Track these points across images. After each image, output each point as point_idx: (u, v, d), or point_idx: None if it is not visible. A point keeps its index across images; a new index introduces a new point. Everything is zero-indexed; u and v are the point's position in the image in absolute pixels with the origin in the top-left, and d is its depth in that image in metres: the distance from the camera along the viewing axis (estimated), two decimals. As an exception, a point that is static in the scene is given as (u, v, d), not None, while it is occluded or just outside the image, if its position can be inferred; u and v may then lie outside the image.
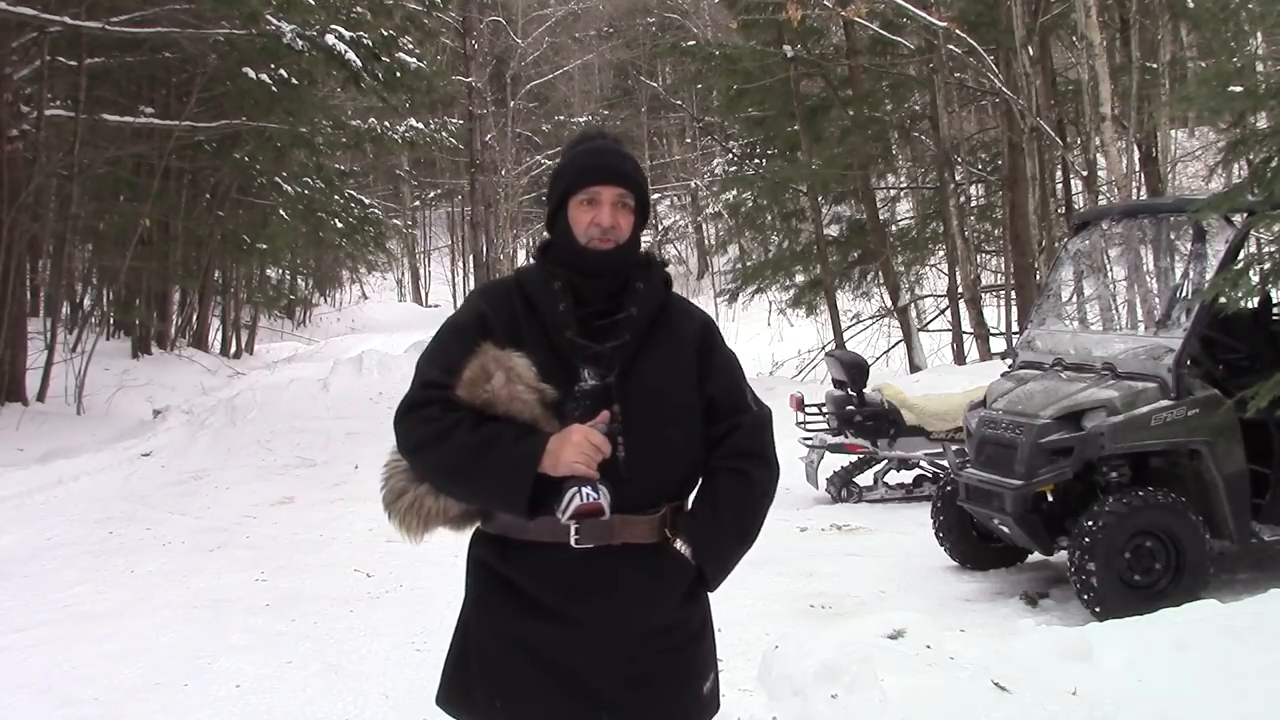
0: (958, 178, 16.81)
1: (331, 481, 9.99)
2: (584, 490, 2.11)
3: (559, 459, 2.12)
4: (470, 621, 2.32)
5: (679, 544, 2.27)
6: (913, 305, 17.13)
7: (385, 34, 14.32)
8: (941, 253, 17.66)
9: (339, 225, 22.11)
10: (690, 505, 2.33)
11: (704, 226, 36.80)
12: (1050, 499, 5.94)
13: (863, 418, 8.67)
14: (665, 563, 2.26)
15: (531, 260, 2.37)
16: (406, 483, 2.30)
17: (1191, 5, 13.27)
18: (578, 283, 2.26)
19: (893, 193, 20.08)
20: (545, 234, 2.39)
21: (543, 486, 2.14)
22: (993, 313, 16.74)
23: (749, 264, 21.44)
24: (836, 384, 9.13)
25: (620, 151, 2.33)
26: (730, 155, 25.92)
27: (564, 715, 2.19)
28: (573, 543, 2.16)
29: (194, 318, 22.56)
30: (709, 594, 2.37)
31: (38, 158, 13.87)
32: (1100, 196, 12.78)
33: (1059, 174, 15.74)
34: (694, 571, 2.31)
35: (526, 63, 34.71)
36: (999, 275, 17.85)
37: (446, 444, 2.17)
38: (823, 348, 16.22)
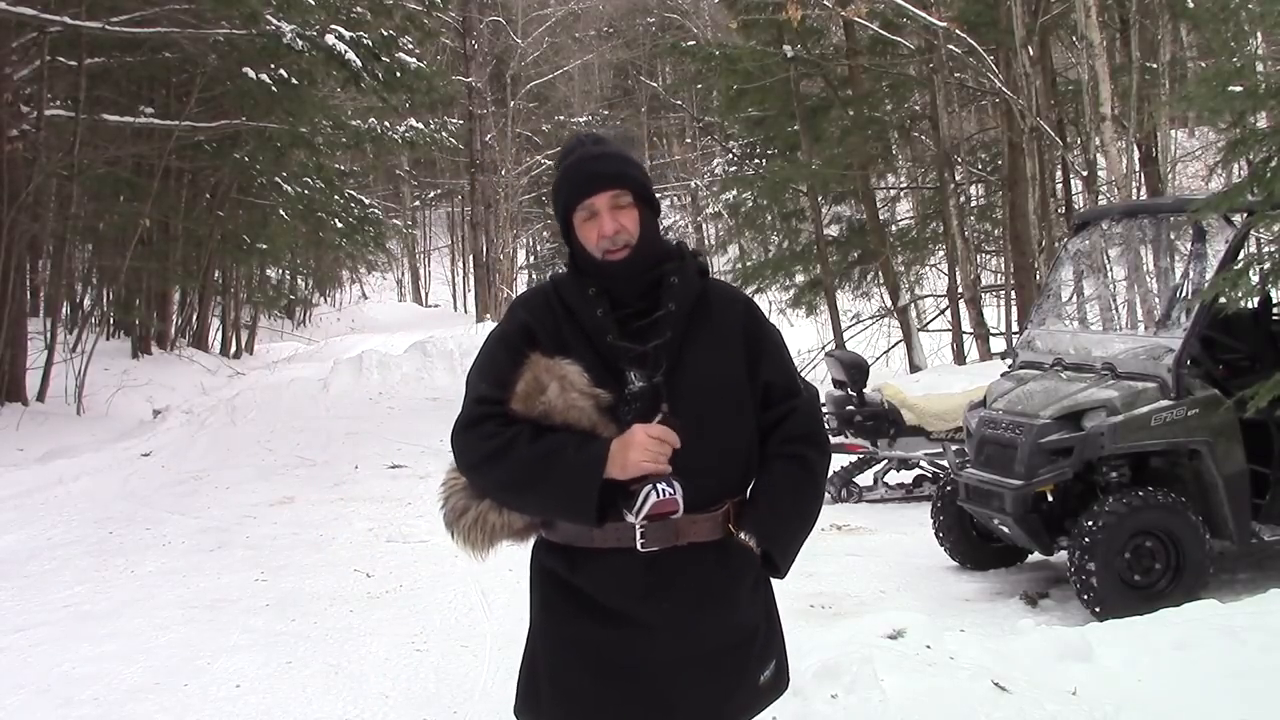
0: (958, 178, 16.81)
1: (331, 481, 9.99)
2: (659, 487, 2.12)
3: (626, 461, 2.13)
4: (537, 630, 2.34)
5: (743, 535, 2.26)
6: (913, 305, 17.12)
7: (385, 34, 14.33)
8: (941, 253, 17.66)
9: (339, 225, 22.12)
10: (750, 494, 2.33)
11: (704, 226, 36.79)
12: (1050, 499, 5.93)
13: (863, 418, 8.67)
14: (730, 558, 2.26)
15: (563, 268, 2.37)
16: (468, 500, 2.29)
17: (1191, 5, 13.28)
18: (611, 286, 2.26)
19: (893, 193, 20.08)
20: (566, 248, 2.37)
21: (610, 493, 2.15)
22: (993, 313, 16.74)
23: (749, 264, 21.42)
24: (836, 384, 9.12)
25: (603, 154, 2.29)
26: (730, 155, 25.92)
27: (623, 717, 2.22)
28: (638, 546, 2.17)
29: (194, 318, 22.56)
30: (775, 580, 2.40)
31: (38, 158, 13.87)
32: (1100, 196, 12.78)
33: (1059, 174, 15.74)
34: (757, 563, 2.31)
35: (526, 63, 34.72)
36: (999, 275, 17.85)
37: (507, 459, 2.17)
38: (823, 348, 16.21)
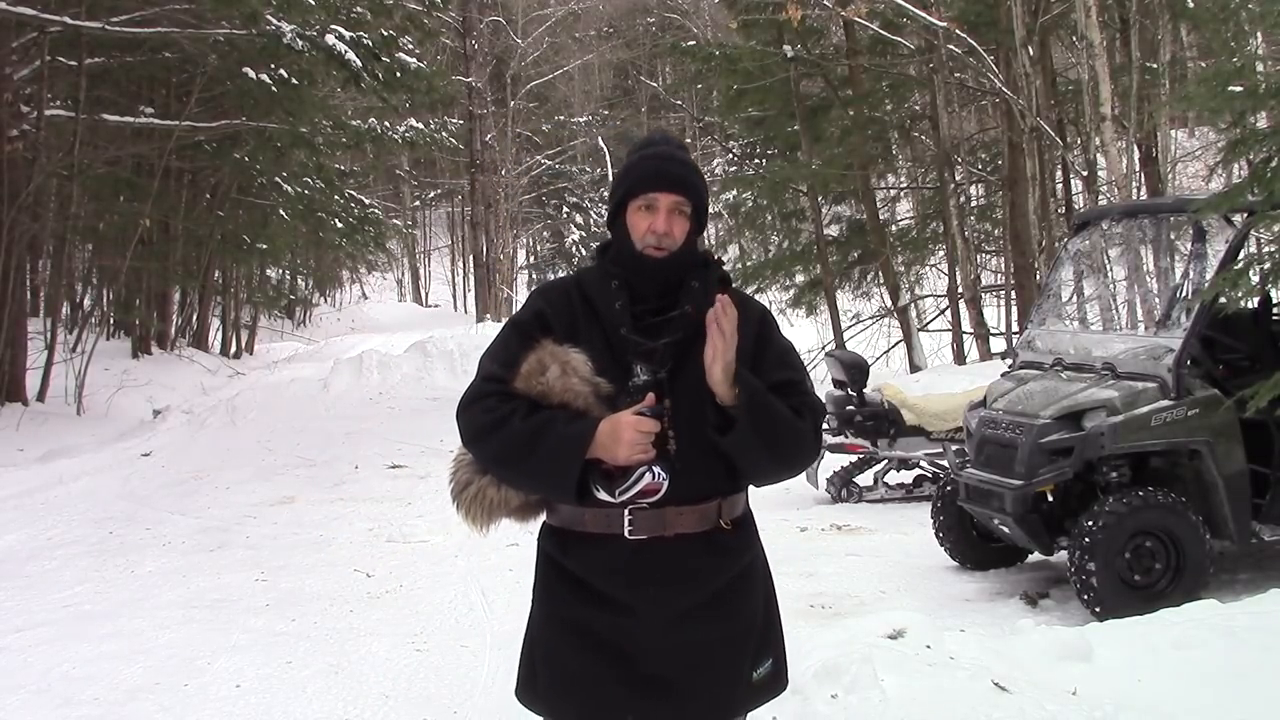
0: (958, 178, 16.81)
1: (331, 481, 9.99)
2: (655, 469, 2.22)
3: (617, 455, 2.21)
4: (535, 612, 2.42)
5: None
6: (913, 305, 17.12)
7: (385, 34, 14.32)
8: (941, 253, 17.66)
9: (339, 225, 22.10)
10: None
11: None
12: (1050, 499, 5.93)
13: (863, 418, 8.66)
14: (716, 547, 2.33)
15: (589, 260, 2.47)
16: (471, 475, 2.40)
17: (1191, 5, 13.28)
18: (633, 281, 2.34)
19: (893, 193, 20.08)
20: (607, 233, 2.46)
21: (596, 474, 2.23)
22: (993, 313, 16.74)
23: (749, 264, 21.40)
24: (836, 384, 9.12)
25: (682, 159, 2.38)
26: (730, 155, 25.93)
27: (614, 698, 2.29)
28: (626, 534, 2.26)
29: (194, 318, 22.56)
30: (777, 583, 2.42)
31: (38, 158, 13.87)
32: (1100, 196, 12.78)
33: (1059, 174, 15.74)
34: (748, 557, 2.39)
35: (526, 63, 34.72)
36: (999, 275, 17.84)
37: (501, 431, 2.26)
38: (823, 348, 16.20)
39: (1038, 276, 13.09)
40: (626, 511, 2.25)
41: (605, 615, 2.29)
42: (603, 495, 2.23)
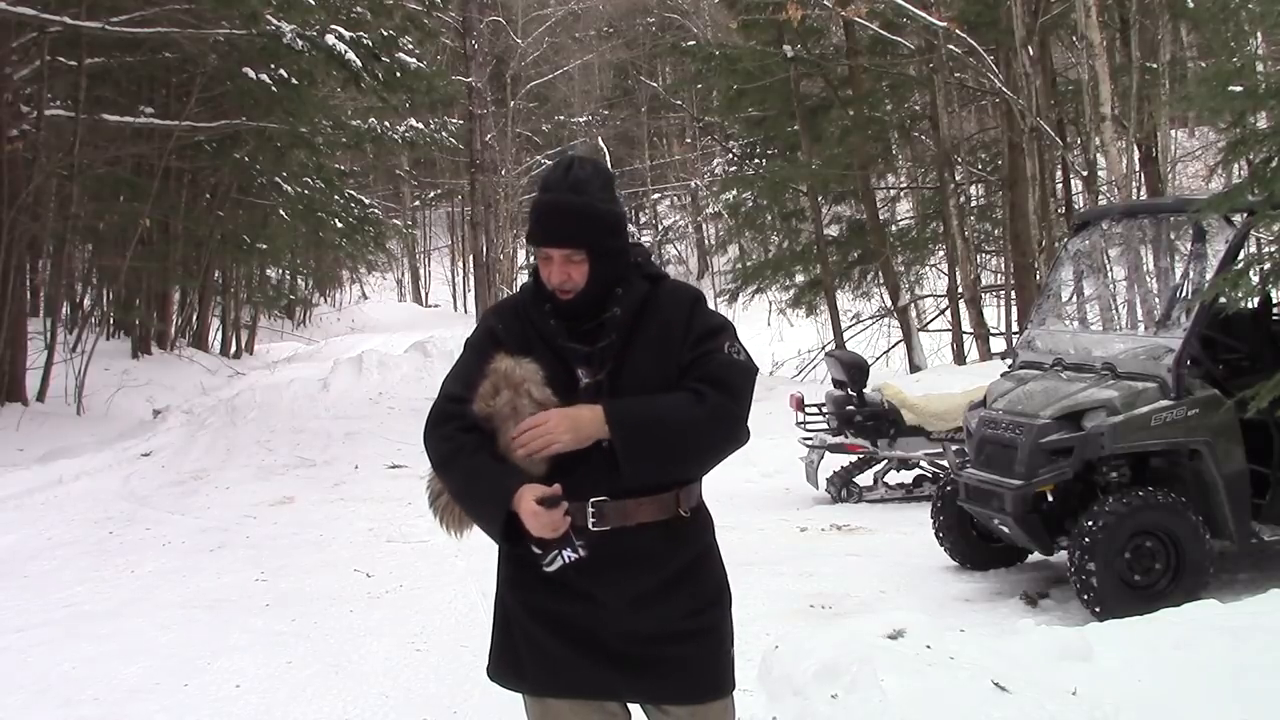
0: (958, 178, 16.80)
1: (331, 481, 9.99)
2: (564, 553, 2.34)
3: (530, 528, 2.32)
4: (508, 602, 2.51)
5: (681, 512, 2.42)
6: (913, 305, 17.12)
7: (385, 34, 14.33)
8: (941, 253, 17.67)
9: (339, 225, 22.12)
10: None
11: (704, 226, 36.78)
12: (1050, 499, 5.93)
13: (863, 418, 8.66)
14: (674, 534, 2.43)
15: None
16: (442, 486, 2.55)
17: (1191, 5, 13.27)
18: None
19: (893, 193, 20.08)
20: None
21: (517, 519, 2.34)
22: (993, 313, 16.74)
23: (749, 264, 21.45)
24: (836, 384, 9.12)
25: (567, 207, 2.39)
26: (730, 155, 25.93)
27: (594, 678, 2.41)
28: (590, 526, 2.36)
29: (194, 318, 22.57)
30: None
31: (38, 158, 13.88)
32: (1100, 196, 12.77)
33: (1059, 174, 15.74)
34: (702, 544, 2.49)
35: (526, 63, 34.71)
36: (999, 275, 17.85)
37: (450, 466, 2.44)
38: (823, 348, 16.21)
39: (1038, 276, 13.09)
40: (590, 504, 2.35)
41: (570, 602, 2.39)
42: (536, 550, 2.35)
